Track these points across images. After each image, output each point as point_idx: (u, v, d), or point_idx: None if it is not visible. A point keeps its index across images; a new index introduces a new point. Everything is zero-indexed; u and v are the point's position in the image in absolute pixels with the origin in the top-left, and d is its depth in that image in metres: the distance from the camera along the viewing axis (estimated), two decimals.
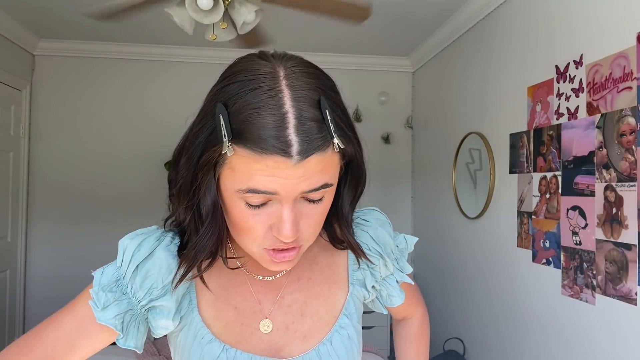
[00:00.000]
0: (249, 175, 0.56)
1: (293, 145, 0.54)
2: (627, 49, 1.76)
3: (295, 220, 0.59)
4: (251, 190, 0.56)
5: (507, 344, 2.59)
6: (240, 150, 0.55)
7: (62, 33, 3.58)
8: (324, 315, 0.74)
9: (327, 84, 0.62)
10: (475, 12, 2.94)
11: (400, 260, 0.82)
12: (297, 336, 0.72)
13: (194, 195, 0.62)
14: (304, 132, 0.54)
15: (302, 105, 0.55)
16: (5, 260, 3.48)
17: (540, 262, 2.28)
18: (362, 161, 0.66)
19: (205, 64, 3.91)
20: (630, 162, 1.73)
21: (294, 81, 0.57)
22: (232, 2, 2.09)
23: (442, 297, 3.52)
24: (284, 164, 0.54)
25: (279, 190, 0.56)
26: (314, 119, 0.55)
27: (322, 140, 0.56)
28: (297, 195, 0.58)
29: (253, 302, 0.72)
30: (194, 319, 0.70)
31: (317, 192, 0.59)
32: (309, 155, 0.55)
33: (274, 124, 0.54)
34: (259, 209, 0.59)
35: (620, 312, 1.78)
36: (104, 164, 3.80)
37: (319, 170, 0.57)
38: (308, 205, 0.60)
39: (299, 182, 0.56)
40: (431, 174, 3.75)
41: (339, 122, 0.59)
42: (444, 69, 3.55)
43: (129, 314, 0.67)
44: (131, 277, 0.67)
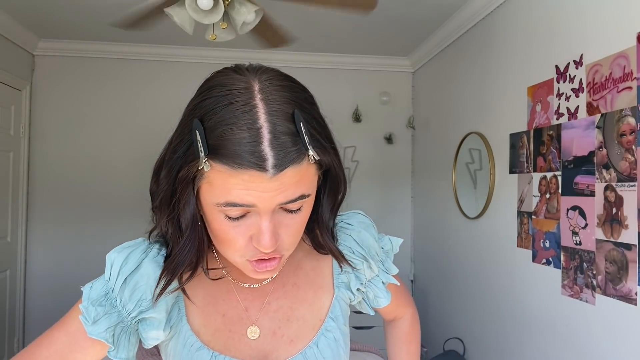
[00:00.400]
0: (226, 189, 0.57)
1: (268, 160, 0.55)
2: (627, 49, 1.76)
3: (274, 231, 0.60)
4: (229, 203, 0.58)
5: (507, 344, 2.59)
6: (216, 165, 0.56)
7: (62, 33, 3.58)
8: (310, 319, 0.75)
9: (302, 96, 0.62)
10: (475, 12, 2.94)
11: (386, 261, 0.84)
12: (284, 341, 0.74)
13: (174, 208, 0.64)
14: (278, 146, 0.55)
15: (276, 119, 0.56)
16: (5, 260, 3.48)
17: (540, 262, 2.28)
18: (341, 169, 0.68)
19: (205, 64, 3.91)
20: (630, 162, 1.73)
21: (268, 95, 0.58)
22: (232, 2, 2.09)
23: (442, 297, 3.52)
24: (259, 178, 0.55)
25: (256, 203, 0.57)
26: (288, 133, 0.56)
27: (296, 153, 0.57)
28: (274, 207, 0.59)
29: (240, 309, 0.73)
30: (183, 327, 0.71)
31: (294, 203, 0.60)
32: (284, 169, 0.56)
33: (248, 139, 0.55)
34: (238, 221, 0.60)
35: (620, 312, 1.78)
36: (104, 164, 3.80)
37: (294, 182, 0.58)
38: (287, 216, 0.61)
39: (275, 194, 0.57)
40: (431, 174, 3.75)
41: (314, 133, 0.59)
42: (444, 69, 3.55)
43: (120, 326, 0.68)
44: (120, 290, 0.68)
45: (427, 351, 3.64)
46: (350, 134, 4.10)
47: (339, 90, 4.09)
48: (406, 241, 4.18)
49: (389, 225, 4.13)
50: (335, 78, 4.10)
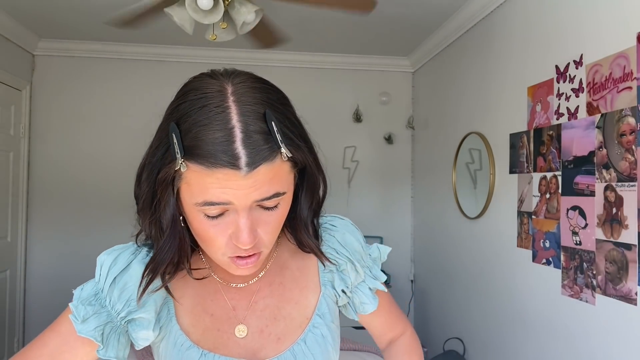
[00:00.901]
0: (203, 188, 0.59)
1: (241, 158, 0.57)
2: (627, 49, 1.76)
3: (252, 228, 0.62)
4: (207, 202, 0.60)
5: (507, 344, 2.59)
6: (192, 165, 0.59)
7: (62, 33, 3.58)
8: (296, 317, 0.77)
9: (275, 97, 0.64)
10: (475, 12, 2.94)
11: (373, 268, 0.84)
12: (272, 339, 0.75)
13: (155, 210, 0.66)
14: (250, 144, 0.58)
15: (248, 119, 0.59)
16: (5, 260, 3.48)
17: (540, 262, 2.28)
18: (318, 167, 0.70)
19: (205, 64, 3.91)
20: (630, 162, 1.73)
21: (241, 96, 0.60)
22: (232, 2, 2.09)
23: (442, 297, 3.52)
24: (234, 176, 0.58)
25: (232, 200, 0.59)
26: (260, 132, 0.59)
27: (269, 151, 0.59)
28: (250, 204, 0.61)
29: (227, 308, 0.75)
30: (172, 327, 0.73)
31: (270, 201, 0.62)
32: (257, 166, 0.58)
33: (221, 139, 0.57)
34: (217, 219, 0.62)
35: (620, 312, 1.78)
36: (104, 163, 3.80)
37: (268, 179, 0.60)
38: (264, 213, 0.63)
39: (250, 191, 0.59)
40: (431, 174, 3.75)
41: (286, 132, 0.61)
42: (444, 69, 3.55)
43: (109, 326, 0.71)
44: (109, 290, 0.71)
45: (427, 351, 3.64)
46: (351, 134, 4.10)
47: (339, 90, 4.09)
48: (406, 241, 4.18)
49: (389, 225, 4.13)
50: (335, 78, 4.10)
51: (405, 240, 4.17)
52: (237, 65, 4.59)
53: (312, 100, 4.06)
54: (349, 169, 4.10)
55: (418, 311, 4.04)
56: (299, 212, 0.73)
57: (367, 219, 4.10)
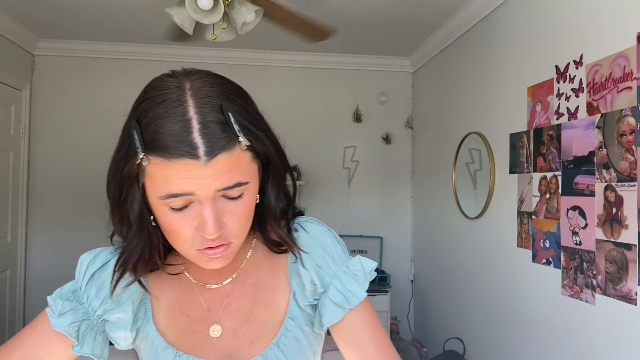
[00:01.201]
0: (165, 181, 0.61)
1: (199, 148, 0.59)
2: (627, 49, 1.76)
3: (216, 218, 0.63)
4: (170, 195, 0.61)
5: (507, 344, 2.59)
6: (153, 159, 0.60)
7: (62, 33, 3.58)
8: (268, 320, 0.76)
9: (232, 90, 0.66)
10: (475, 12, 2.94)
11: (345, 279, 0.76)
12: (245, 341, 0.75)
13: (123, 207, 0.68)
14: (207, 134, 0.59)
15: (205, 110, 0.61)
16: (5, 260, 3.48)
17: (540, 262, 2.28)
18: (281, 158, 0.71)
19: (205, 64, 3.91)
20: (630, 162, 1.73)
21: (197, 91, 0.62)
22: (232, 2, 2.09)
23: (442, 297, 3.52)
24: (193, 166, 0.59)
25: (194, 190, 0.61)
26: (217, 122, 0.61)
27: (226, 140, 0.60)
28: (212, 194, 0.62)
29: (203, 309, 0.76)
30: (150, 329, 0.75)
31: (233, 190, 0.63)
32: (216, 155, 0.60)
33: (179, 130, 0.59)
34: (182, 212, 0.63)
35: (620, 312, 1.78)
36: (104, 164, 3.78)
37: (228, 168, 0.61)
38: (229, 203, 0.64)
39: (210, 181, 0.60)
40: (431, 174, 3.75)
41: (244, 122, 0.63)
42: (444, 69, 3.55)
43: (85, 324, 0.72)
44: (86, 287, 0.73)
45: (427, 351, 3.64)
46: (351, 134, 4.10)
47: (339, 90, 4.09)
48: (406, 241, 4.18)
49: (389, 225, 4.13)
50: (335, 78, 4.10)
51: (405, 240, 4.17)
52: (237, 65, 4.61)
53: (312, 100, 4.07)
54: (349, 169, 4.10)
55: (418, 311, 4.04)
56: (267, 203, 0.72)
57: (367, 219, 4.10)
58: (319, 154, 4.05)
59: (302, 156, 4.00)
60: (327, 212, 4.07)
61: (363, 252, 4.01)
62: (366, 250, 4.02)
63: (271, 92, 4.01)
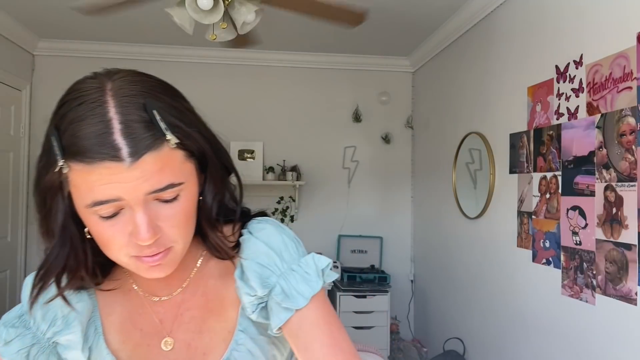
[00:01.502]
0: (89, 188, 0.57)
1: (122, 149, 0.55)
2: (627, 49, 1.76)
3: (150, 223, 0.59)
4: (95, 202, 0.57)
5: (507, 344, 2.59)
6: (74, 165, 0.56)
7: (62, 33, 3.58)
8: (219, 331, 0.73)
9: (158, 87, 0.62)
10: (475, 12, 2.94)
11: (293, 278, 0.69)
12: (198, 354, 0.72)
13: (47, 219, 0.63)
14: (130, 134, 0.56)
15: (127, 110, 0.57)
16: (5, 260, 3.48)
17: (540, 262, 2.28)
18: (220, 155, 0.67)
19: (205, 64, 3.91)
20: (630, 162, 1.73)
21: (118, 90, 0.58)
22: (232, 2, 2.09)
23: (442, 297, 3.52)
24: (117, 169, 0.55)
25: (121, 195, 0.57)
26: (141, 121, 0.57)
27: (151, 139, 0.57)
28: (143, 197, 0.58)
29: (155, 322, 0.73)
30: (101, 347, 0.71)
31: (166, 192, 0.59)
32: (141, 155, 0.56)
33: (98, 132, 0.55)
34: (112, 219, 0.59)
35: (620, 312, 1.78)
36: None
37: (157, 169, 0.57)
38: (164, 206, 0.60)
39: (138, 183, 0.57)
40: (431, 174, 3.75)
41: (172, 120, 0.59)
42: (444, 69, 3.55)
43: (36, 348, 0.70)
44: (32, 310, 0.70)
45: (427, 351, 3.64)
46: (351, 134, 4.11)
47: (339, 90, 4.09)
48: (406, 241, 4.18)
49: (389, 225, 4.13)
50: (335, 78, 4.09)
51: (405, 240, 4.17)
52: (237, 65, 4.61)
53: (312, 100, 4.07)
54: (349, 169, 4.10)
55: (418, 311, 4.04)
56: (202, 204, 0.67)
57: (367, 219, 4.10)
58: (319, 154, 4.06)
59: (302, 156, 4.01)
60: (327, 212, 4.07)
61: (363, 252, 4.01)
62: (366, 250, 4.02)
63: (271, 92, 4.01)
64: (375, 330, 3.56)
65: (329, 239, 4.06)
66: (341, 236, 4.02)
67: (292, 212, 4.03)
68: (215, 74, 3.93)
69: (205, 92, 3.91)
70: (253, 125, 3.97)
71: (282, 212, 4.02)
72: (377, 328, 3.57)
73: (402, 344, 3.74)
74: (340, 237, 4.02)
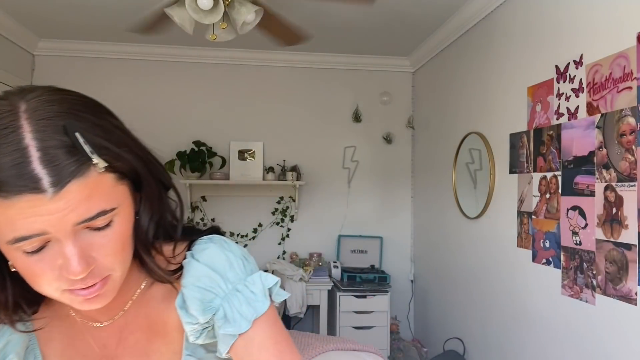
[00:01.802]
0: (10, 223, 0.52)
1: (42, 179, 0.50)
2: (627, 49, 1.76)
3: (82, 254, 0.55)
4: (18, 239, 0.52)
5: (507, 344, 2.59)
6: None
7: (62, 33, 3.58)
8: (165, 352, 0.70)
9: (79, 106, 0.57)
10: (475, 12, 2.95)
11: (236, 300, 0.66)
12: None
13: None
14: (49, 161, 0.51)
15: (45, 134, 0.52)
16: None
17: (540, 262, 2.28)
18: (154, 173, 0.63)
19: (205, 64, 3.91)
20: (630, 162, 1.73)
21: (34, 112, 0.53)
22: (232, 2, 2.09)
23: (442, 297, 3.52)
24: (39, 201, 0.51)
25: (46, 229, 0.52)
26: (61, 146, 0.52)
27: (75, 165, 0.52)
28: (71, 229, 0.53)
29: (98, 348, 0.70)
30: None
31: (96, 220, 0.55)
32: (65, 184, 0.51)
33: (13, 162, 0.50)
34: (39, 253, 0.54)
35: (620, 312, 1.78)
36: None
37: (85, 197, 0.53)
38: (96, 234, 0.56)
39: (64, 214, 0.52)
40: (431, 174, 3.75)
41: (98, 141, 0.55)
42: (444, 69, 3.55)
43: None
44: None
45: (427, 351, 3.64)
46: (350, 134, 4.11)
47: (339, 90, 4.09)
48: (406, 241, 4.18)
49: (389, 225, 4.14)
50: (335, 78, 4.10)
51: (405, 240, 4.18)
52: (237, 65, 4.60)
53: (312, 100, 4.07)
54: (349, 169, 4.10)
55: (418, 311, 4.04)
56: (136, 227, 0.63)
57: (367, 219, 4.10)
58: (319, 154, 4.06)
59: (302, 156, 4.01)
60: (327, 212, 4.07)
61: (363, 252, 4.01)
62: (366, 250, 4.02)
63: (271, 92, 4.01)
64: (375, 330, 3.56)
65: (329, 239, 4.06)
66: (341, 236, 4.02)
67: (292, 212, 4.03)
68: (216, 74, 3.93)
69: (205, 92, 3.91)
70: (253, 125, 3.97)
71: (282, 212, 4.02)
72: (377, 328, 3.57)
73: (402, 344, 3.74)
74: (340, 237, 4.02)
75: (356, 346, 2.47)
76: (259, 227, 4.01)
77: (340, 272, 3.74)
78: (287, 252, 4.02)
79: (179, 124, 3.87)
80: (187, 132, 3.85)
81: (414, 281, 4.09)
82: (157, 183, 0.64)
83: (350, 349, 2.44)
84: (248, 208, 4.00)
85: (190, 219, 3.88)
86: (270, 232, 4.02)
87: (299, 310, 3.51)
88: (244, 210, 3.99)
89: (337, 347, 2.42)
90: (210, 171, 3.82)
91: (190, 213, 3.89)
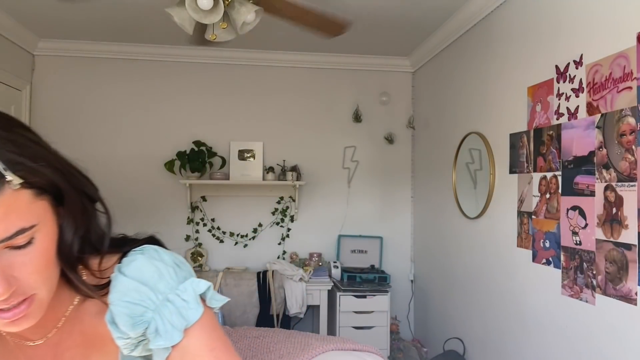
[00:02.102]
0: None
1: None
2: (627, 49, 1.76)
3: (3, 275, 0.53)
4: None
5: (507, 344, 2.59)
6: None
7: (62, 33, 3.58)
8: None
9: None
10: (475, 12, 2.94)
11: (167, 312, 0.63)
12: None
13: None
14: None
15: None
16: None
17: (540, 262, 2.28)
18: (77, 185, 0.62)
19: (205, 64, 3.91)
20: (630, 162, 1.73)
21: None
22: (232, 2, 2.09)
23: (442, 297, 3.52)
24: None
25: None
26: None
27: None
28: None
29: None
30: None
31: (15, 239, 0.53)
32: None
33: None
34: None
35: (620, 312, 1.78)
36: (103, 164, 3.80)
37: (1, 215, 0.51)
38: (17, 253, 0.54)
39: None
40: (431, 174, 3.75)
41: (11, 157, 0.53)
42: (444, 69, 3.55)
43: None
44: None
45: (427, 351, 3.64)
46: (351, 134, 4.11)
47: (339, 90, 4.10)
48: (406, 241, 4.18)
49: (389, 225, 4.14)
50: (335, 78, 4.10)
51: (405, 240, 4.18)
52: (237, 65, 4.59)
53: (312, 100, 4.07)
54: (349, 169, 4.10)
55: (418, 311, 4.04)
56: (61, 239, 0.61)
57: (367, 219, 4.10)
58: (319, 153, 4.06)
59: (302, 156, 4.01)
60: (327, 212, 4.07)
61: (363, 252, 4.01)
62: (366, 250, 4.02)
63: (271, 92, 4.01)
64: (375, 330, 3.56)
65: (329, 239, 4.06)
66: (341, 236, 4.02)
67: (292, 212, 4.03)
68: (216, 74, 3.93)
69: (205, 92, 3.91)
70: (253, 125, 3.97)
71: (282, 212, 4.02)
72: (377, 328, 3.57)
73: (402, 344, 3.74)
74: (340, 237, 4.02)
75: (356, 346, 2.47)
76: (259, 227, 4.01)
77: (340, 272, 3.74)
78: (287, 252, 4.02)
79: (179, 124, 3.87)
80: (187, 132, 3.85)
81: (414, 281, 4.09)
82: (81, 196, 0.62)
83: (350, 349, 2.44)
84: (248, 208, 4.00)
85: (190, 218, 3.88)
86: (270, 232, 4.02)
87: (299, 310, 3.51)
88: (244, 210, 3.99)
89: (337, 347, 2.41)
90: (210, 171, 3.82)
91: (190, 213, 3.89)
